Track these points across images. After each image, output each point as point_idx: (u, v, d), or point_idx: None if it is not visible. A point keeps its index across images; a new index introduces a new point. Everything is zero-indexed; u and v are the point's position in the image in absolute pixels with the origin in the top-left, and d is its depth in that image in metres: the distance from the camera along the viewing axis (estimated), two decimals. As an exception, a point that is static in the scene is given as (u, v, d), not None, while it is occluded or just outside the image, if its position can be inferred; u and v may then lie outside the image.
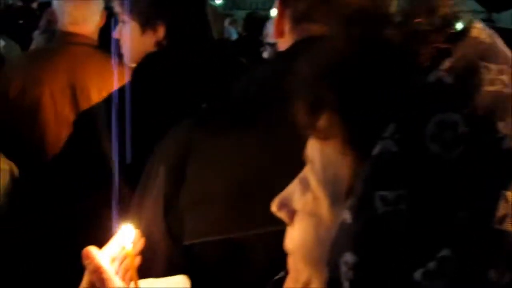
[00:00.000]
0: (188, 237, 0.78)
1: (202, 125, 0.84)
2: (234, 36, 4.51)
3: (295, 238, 0.47)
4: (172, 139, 0.84)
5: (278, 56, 0.91)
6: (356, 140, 0.40)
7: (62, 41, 1.90)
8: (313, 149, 0.45)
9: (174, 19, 1.31)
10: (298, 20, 0.85)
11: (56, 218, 1.19)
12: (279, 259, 0.76)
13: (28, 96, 1.82)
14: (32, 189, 1.26)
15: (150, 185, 0.80)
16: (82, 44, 1.88)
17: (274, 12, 2.54)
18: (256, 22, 3.67)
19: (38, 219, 1.20)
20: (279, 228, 0.79)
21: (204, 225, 0.79)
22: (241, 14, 6.86)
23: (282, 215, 0.49)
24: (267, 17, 3.66)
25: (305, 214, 0.46)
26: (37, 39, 3.59)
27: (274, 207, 0.49)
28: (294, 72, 0.46)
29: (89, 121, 1.31)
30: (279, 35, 0.89)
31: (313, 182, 0.44)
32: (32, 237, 1.20)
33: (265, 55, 2.83)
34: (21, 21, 4.31)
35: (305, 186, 0.47)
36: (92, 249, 0.64)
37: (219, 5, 8.79)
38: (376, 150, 0.37)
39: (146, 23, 1.31)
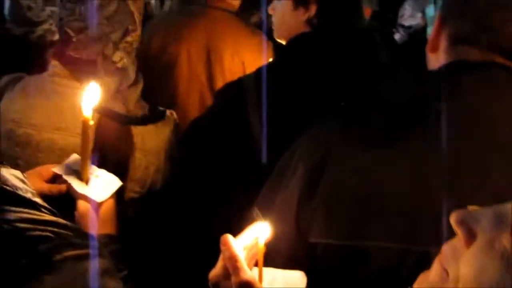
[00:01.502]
0: (314, 235, 0.79)
1: (343, 129, 0.83)
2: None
3: (467, 263, 0.44)
4: (313, 139, 0.84)
5: (430, 74, 0.86)
6: None
7: (203, 4, 1.92)
8: None
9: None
10: (456, 41, 0.80)
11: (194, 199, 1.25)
12: (400, 273, 0.75)
13: (167, 52, 1.89)
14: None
15: (286, 180, 0.81)
16: (222, 9, 1.90)
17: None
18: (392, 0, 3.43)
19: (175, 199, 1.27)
20: (404, 247, 0.78)
21: (332, 228, 0.78)
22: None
23: (459, 230, 0.46)
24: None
25: (493, 249, 0.43)
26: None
27: (453, 218, 0.46)
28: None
29: (233, 95, 1.34)
30: (432, 49, 0.85)
31: None
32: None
33: (397, 36, 2.68)
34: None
35: (503, 222, 0.44)
36: (229, 237, 0.66)
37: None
38: None
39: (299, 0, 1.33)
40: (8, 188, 0.72)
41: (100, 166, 0.90)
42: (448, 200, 0.72)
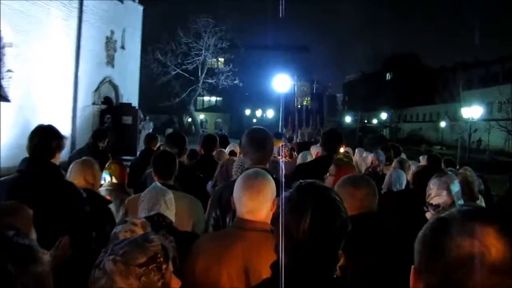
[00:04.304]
0: None
1: None
2: (403, 184, 4.48)
3: None
4: None
5: None
6: None
7: (239, 227, 2.18)
8: None
9: None
10: None
11: None
12: None
13: (210, 274, 2.08)
14: None
15: None
16: (257, 230, 2.13)
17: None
18: (425, 177, 3.57)
19: None
20: None
21: None
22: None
23: None
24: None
25: None
26: (210, 192, 4.06)
27: None
28: None
29: None
30: None
31: None
32: None
33: (428, 215, 2.79)
34: (200, 174, 4.72)
35: None
36: None
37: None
38: None
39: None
40: None
41: None
42: None
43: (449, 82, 42.40)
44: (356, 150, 8.47)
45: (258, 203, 2.16)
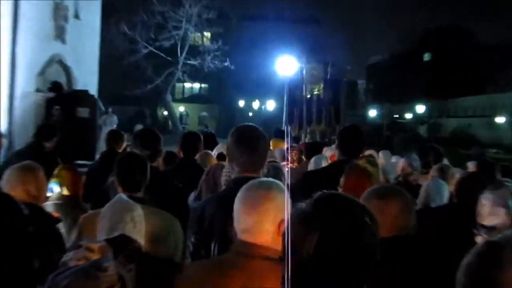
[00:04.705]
0: None
1: None
2: (444, 199, 4.45)
3: None
4: None
5: None
6: None
7: (237, 252, 2.18)
8: None
9: None
10: None
11: None
12: None
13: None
14: None
15: None
16: (259, 257, 2.12)
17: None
18: (473, 187, 3.45)
19: None
20: None
21: None
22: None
23: None
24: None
25: None
26: (191, 204, 4.11)
27: None
28: None
29: None
30: None
31: None
32: None
33: (479, 240, 2.78)
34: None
35: None
36: None
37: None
38: None
39: None
40: None
41: None
42: None
43: (510, 65, 42.30)
44: (380, 153, 8.43)
45: (256, 220, 2.17)
